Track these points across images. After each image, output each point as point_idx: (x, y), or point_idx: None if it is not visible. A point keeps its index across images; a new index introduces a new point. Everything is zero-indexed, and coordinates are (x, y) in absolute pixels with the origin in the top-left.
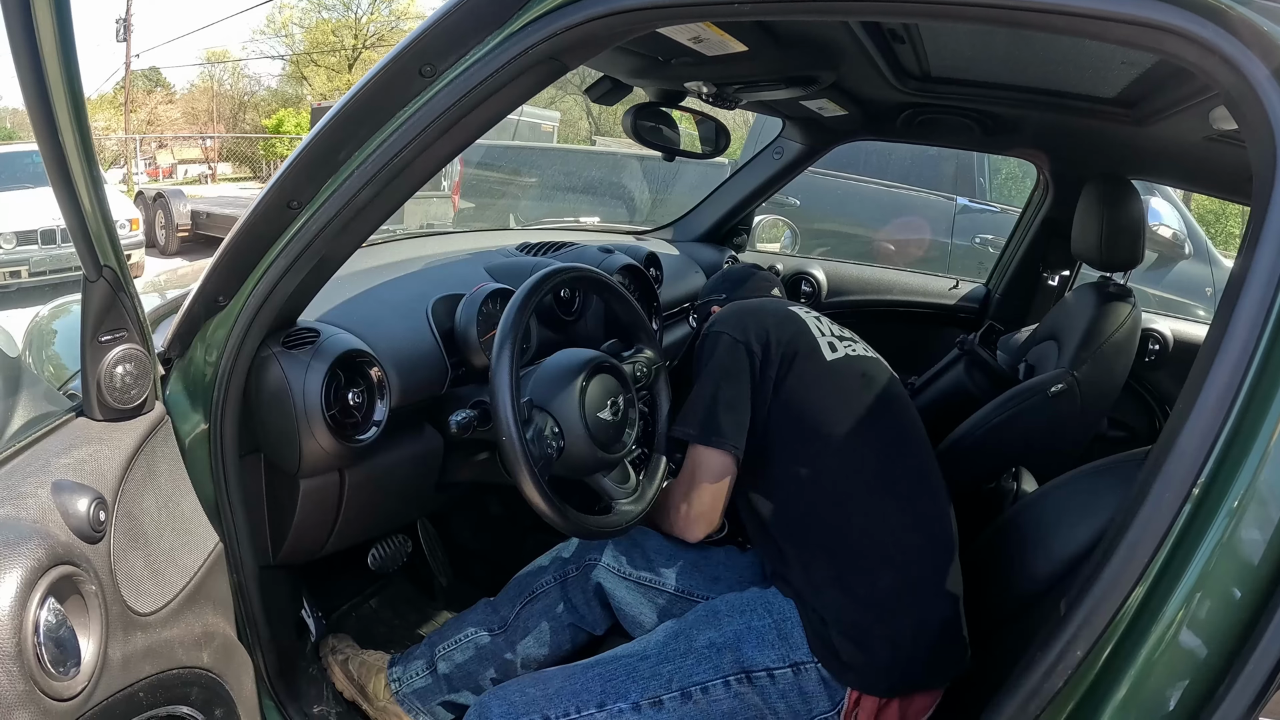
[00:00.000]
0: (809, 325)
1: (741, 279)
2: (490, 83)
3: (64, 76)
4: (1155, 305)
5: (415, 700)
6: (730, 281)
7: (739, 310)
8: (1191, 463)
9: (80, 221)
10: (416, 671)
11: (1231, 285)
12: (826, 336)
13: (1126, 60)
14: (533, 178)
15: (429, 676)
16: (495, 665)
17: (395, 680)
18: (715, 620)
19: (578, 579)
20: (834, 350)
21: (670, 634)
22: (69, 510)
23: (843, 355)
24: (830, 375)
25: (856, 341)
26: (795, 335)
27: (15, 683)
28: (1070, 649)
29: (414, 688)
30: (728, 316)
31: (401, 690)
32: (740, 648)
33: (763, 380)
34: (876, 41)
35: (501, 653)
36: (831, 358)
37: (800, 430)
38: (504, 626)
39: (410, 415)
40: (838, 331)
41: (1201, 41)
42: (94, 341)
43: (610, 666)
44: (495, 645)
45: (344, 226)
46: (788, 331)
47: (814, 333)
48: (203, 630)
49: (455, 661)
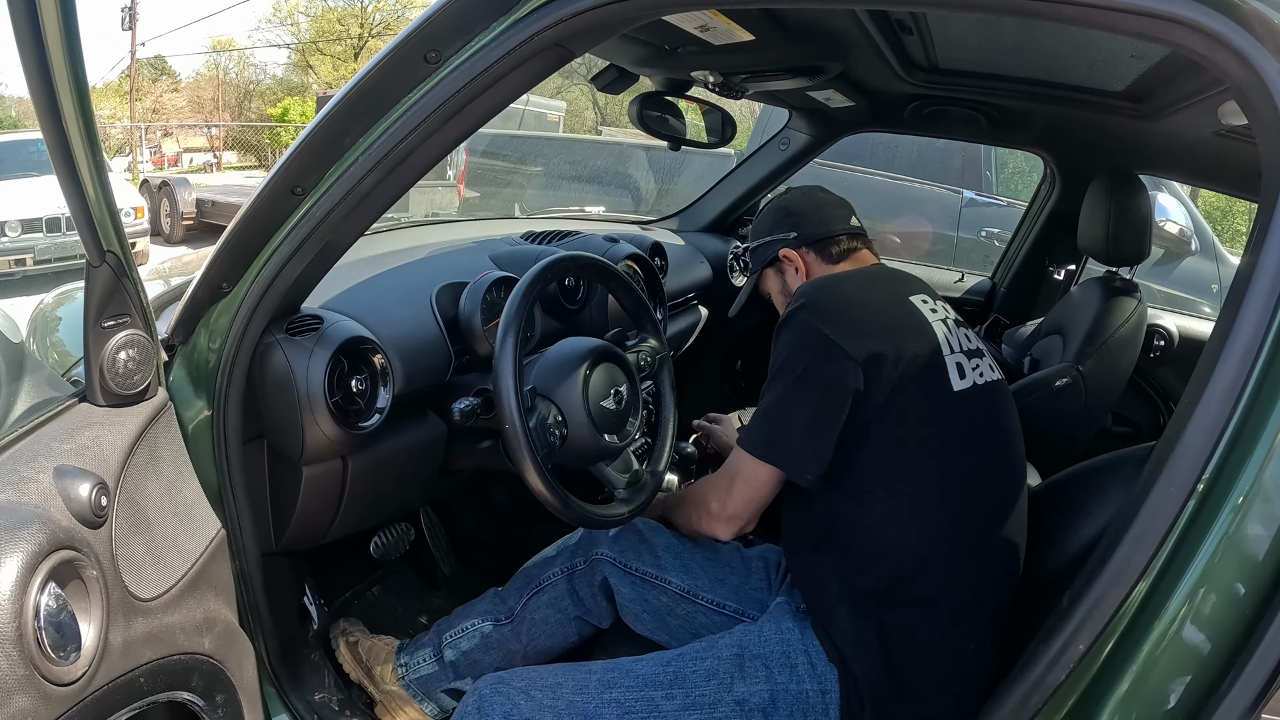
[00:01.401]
0: (939, 338)
1: (815, 209)
2: (495, 69)
3: (68, 62)
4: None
5: (420, 687)
6: (796, 215)
7: (848, 302)
8: (1196, 458)
9: (84, 207)
10: (423, 658)
11: (1238, 281)
12: (956, 354)
13: (1135, 53)
14: (538, 167)
15: (435, 664)
16: (501, 655)
17: (402, 666)
18: (744, 670)
19: (584, 572)
20: (962, 376)
21: (699, 673)
22: (71, 495)
23: (970, 384)
24: (951, 413)
25: (984, 356)
26: (921, 354)
27: (15, 667)
28: (1073, 642)
29: (420, 674)
30: (832, 306)
31: (408, 676)
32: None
33: (863, 407)
34: (884, 32)
35: (508, 643)
36: (959, 387)
37: (894, 472)
38: (510, 617)
39: (413, 403)
40: (968, 344)
41: (1212, 34)
42: (97, 327)
43: (630, 695)
44: (501, 635)
45: (348, 213)
46: (911, 348)
47: (943, 349)
48: (204, 616)
49: (461, 649)
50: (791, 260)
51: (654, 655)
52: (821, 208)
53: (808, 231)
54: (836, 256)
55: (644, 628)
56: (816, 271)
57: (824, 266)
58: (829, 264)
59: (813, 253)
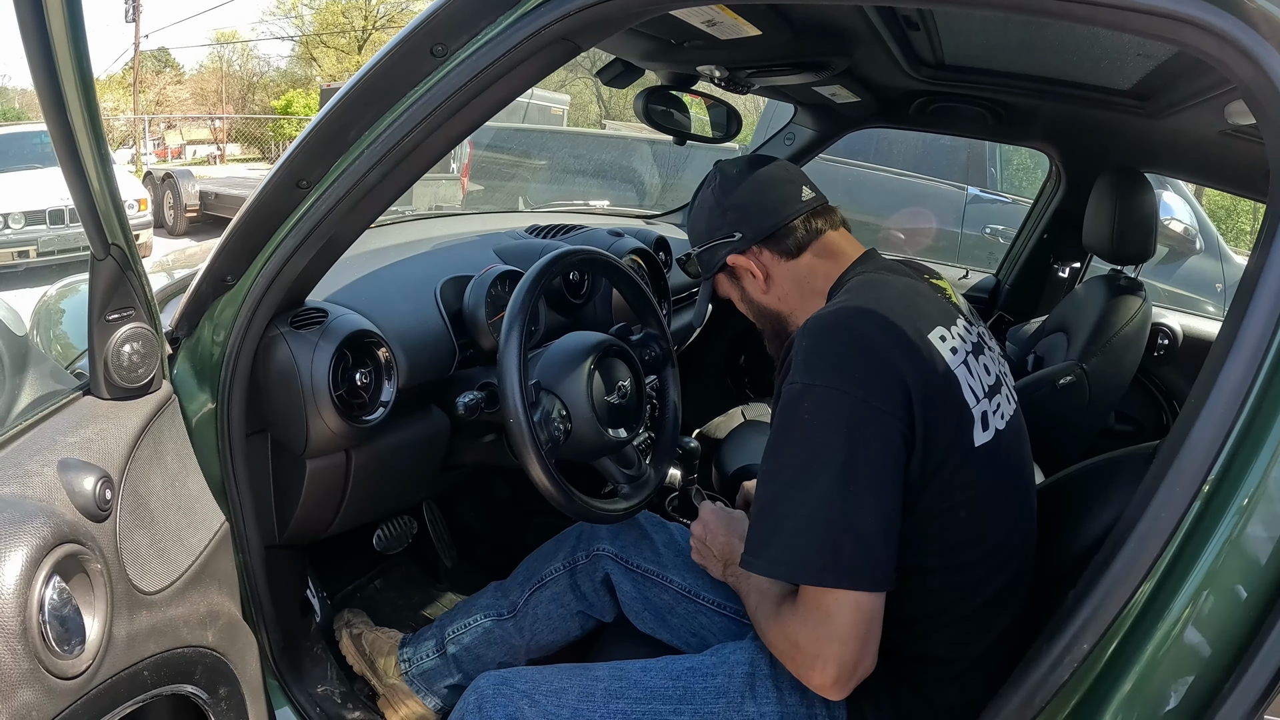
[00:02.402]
0: (963, 389)
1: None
2: (502, 63)
3: (72, 54)
4: (1165, 300)
5: (423, 681)
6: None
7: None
8: (1202, 459)
9: (88, 200)
10: (426, 653)
11: (1246, 281)
12: (980, 403)
13: (1142, 52)
14: (542, 160)
15: (438, 658)
16: (504, 649)
17: (405, 661)
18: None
19: (586, 567)
20: (985, 427)
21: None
22: (75, 488)
23: (992, 433)
24: (975, 471)
25: (1001, 388)
26: (948, 417)
27: (20, 661)
28: (1077, 642)
29: (422, 669)
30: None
31: (410, 671)
32: None
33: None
34: (891, 28)
35: (510, 638)
36: (982, 441)
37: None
38: (513, 611)
39: (417, 396)
40: (987, 379)
41: (1220, 34)
42: (101, 320)
43: (637, 708)
44: (504, 630)
45: (353, 206)
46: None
47: (969, 402)
48: (208, 609)
49: (464, 644)
50: (745, 267)
51: (663, 665)
52: (761, 191)
53: (753, 227)
54: (797, 248)
55: (645, 625)
56: (778, 272)
57: (785, 264)
58: (790, 258)
59: (767, 251)
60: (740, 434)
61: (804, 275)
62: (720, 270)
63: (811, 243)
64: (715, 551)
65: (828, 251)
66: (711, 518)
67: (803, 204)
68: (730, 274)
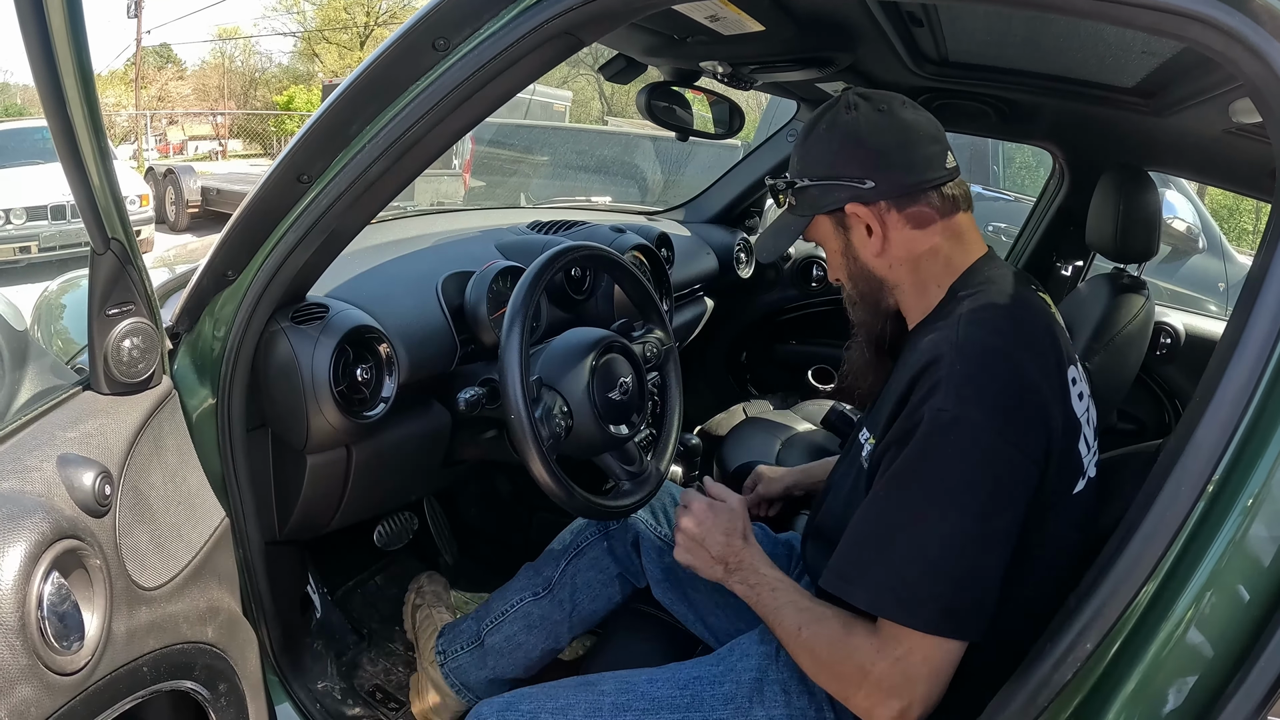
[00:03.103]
0: (1084, 433)
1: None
2: (504, 57)
3: (72, 49)
4: (1167, 299)
5: (456, 676)
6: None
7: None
8: (1207, 459)
9: (88, 194)
10: (461, 646)
11: (1252, 280)
12: (1090, 447)
13: (1147, 49)
14: (544, 156)
15: (473, 651)
16: (546, 631)
17: (440, 653)
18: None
19: (619, 531)
20: (1083, 474)
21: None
22: (74, 484)
23: (1086, 480)
24: (1068, 518)
25: (1090, 421)
26: (1067, 463)
27: (18, 656)
28: (1080, 641)
29: (458, 663)
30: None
31: (446, 664)
32: None
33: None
34: (895, 24)
35: (550, 615)
36: (1078, 489)
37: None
38: (549, 587)
39: (418, 392)
40: (1092, 417)
41: (1228, 31)
42: (101, 315)
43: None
44: (543, 609)
45: (354, 201)
46: (1065, 447)
47: (1082, 442)
48: (208, 605)
49: (503, 633)
50: (863, 219)
51: (669, 674)
52: (909, 143)
53: (890, 181)
54: (928, 219)
55: (666, 599)
56: (898, 238)
57: (909, 232)
58: (917, 228)
59: (895, 211)
60: (742, 431)
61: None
62: (830, 212)
63: (944, 218)
64: (712, 552)
65: (955, 234)
66: (705, 513)
67: (945, 171)
68: (840, 221)
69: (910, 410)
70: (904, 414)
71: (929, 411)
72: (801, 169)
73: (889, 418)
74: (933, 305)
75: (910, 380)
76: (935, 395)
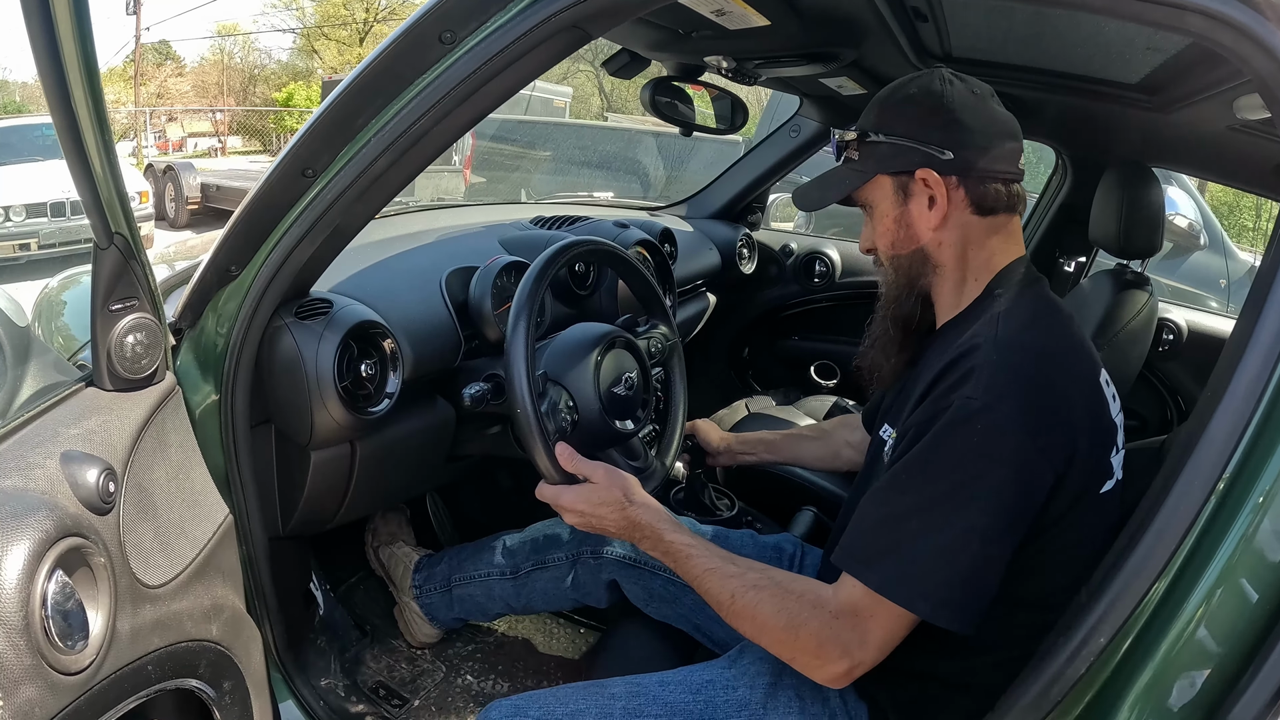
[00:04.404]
0: (1116, 438)
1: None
2: (511, 51)
3: (77, 43)
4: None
5: (429, 611)
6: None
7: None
8: (1219, 455)
9: (92, 188)
10: (435, 585)
11: (1262, 276)
12: (1120, 450)
13: (1151, 45)
14: (545, 152)
15: (445, 595)
16: (501, 604)
17: (417, 587)
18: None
19: (591, 565)
20: (1110, 474)
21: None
22: (78, 481)
23: (1114, 482)
24: (1094, 521)
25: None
26: (1098, 465)
27: (22, 656)
28: (1094, 635)
29: (431, 599)
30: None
31: (421, 598)
32: None
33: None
34: (899, 19)
35: (509, 597)
36: (1105, 488)
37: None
38: (515, 574)
39: (423, 387)
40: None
41: (1237, 25)
42: (104, 310)
43: None
44: (504, 589)
45: (359, 195)
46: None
47: (1112, 451)
48: (212, 603)
49: (468, 591)
50: (931, 189)
51: (682, 678)
52: (995, 131)
53: (968, 159)
54: (989, 209)
55: (658, 614)
56: (957, 219)
57: (969, 216)
58: (978, 215)
59: (963, 190)
60: (744, 426)
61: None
62: (896, 173)
63: (1001, 212)
64: (611, 529)
65: (1006, 232)
66: (577, 500)
67: (1017, 170)
68: (903, 185)
69: (938, 396)
70: (930, 399)
71: (959, 399)
72: (878, 124)
73: (913, 409)
74: (967, 302)
75: (941, 370)
76: (966, 384)
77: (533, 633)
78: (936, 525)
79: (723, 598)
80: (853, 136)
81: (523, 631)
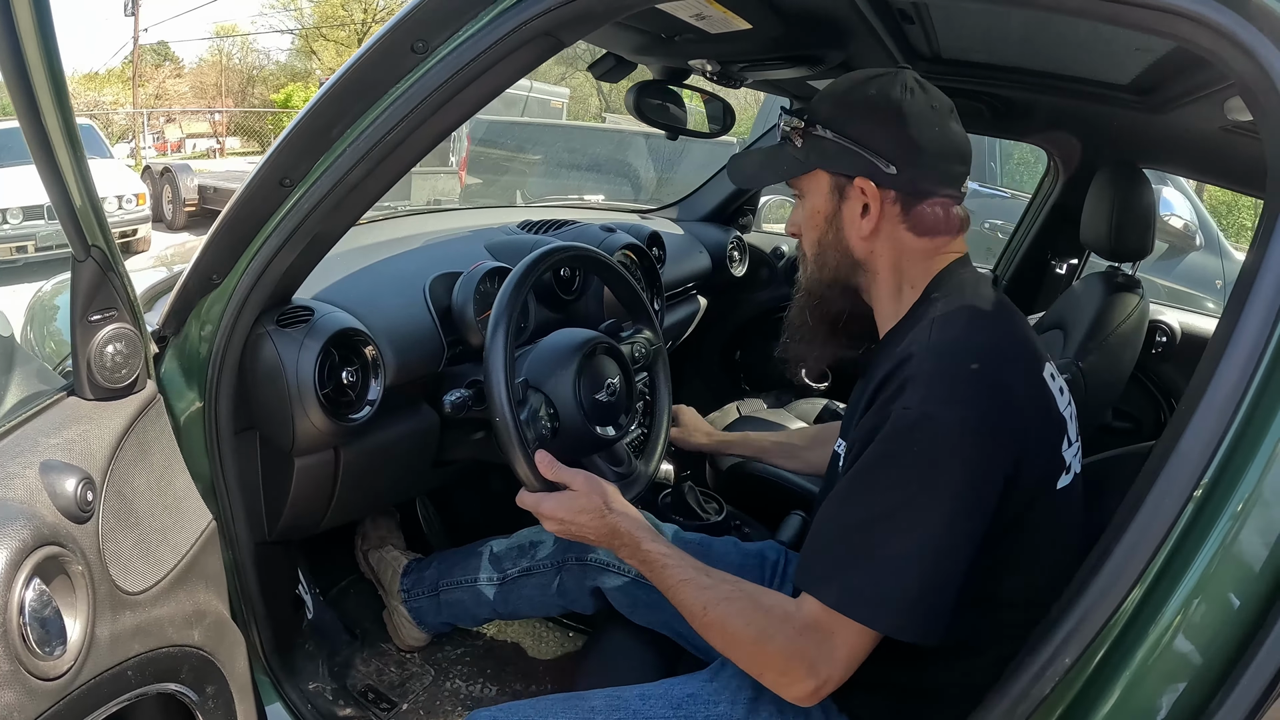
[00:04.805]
0: (1066, 420)
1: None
2: (484, 59)
3: (43, 56)
4: (1165, 296)
5: (417, 615)
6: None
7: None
8: (1196, 463)
9: (66, 201)
10: (422, 591)
11: (1242, 280)
12: (1073, 445)
13: (1141, 46)
14: (539, 154)
15: (433, 599)
16: (489, 610)
17: (405, 591)
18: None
19: (575, 569)
20: (1067, 470)
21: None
22: (56, 490)
23: (1071, 478)
24: (1056, 518)
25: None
26: (1049, 459)
27: (0, 662)
28: (1059, 655)
29: (419, 604)
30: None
31: (409, 602)
32: None
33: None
34: (885, 21)
35: (495, 604)
36: (1062, 483)
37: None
38: (502, 580)
39: (407, 393)
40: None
41: (1218, 28)
42: (84, 321)
43: None
44: (491, 595)
45: (337, 204)
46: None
47: (1063, 444)
48: (194, 608)
49: (455, 596)
50: (867, 198)
51: (662, 691)
52: (948, 149)
53: (912, 177)
54: (923, 228)
55: (643, 620)
56: (889, 231)
57: (901, 230)
58: (912, 232)
59: (899, 207)
60: (736, 429)
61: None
62: (835, 174)
63: (942, 235)
64: (590, 536)
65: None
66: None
67: (959, 193)
68: (840, 187)
69: (878, 408)
70: (872, 410)
71: (896, 410)
72: (828, 118)
73: (858, 421)
74: (906, 308)
75: (880, 380)
76: (903, 394)
77: (521, 637)
78: (887, 538)
79: (695, 609)
80: (799, 124)
81: (511, 635)
